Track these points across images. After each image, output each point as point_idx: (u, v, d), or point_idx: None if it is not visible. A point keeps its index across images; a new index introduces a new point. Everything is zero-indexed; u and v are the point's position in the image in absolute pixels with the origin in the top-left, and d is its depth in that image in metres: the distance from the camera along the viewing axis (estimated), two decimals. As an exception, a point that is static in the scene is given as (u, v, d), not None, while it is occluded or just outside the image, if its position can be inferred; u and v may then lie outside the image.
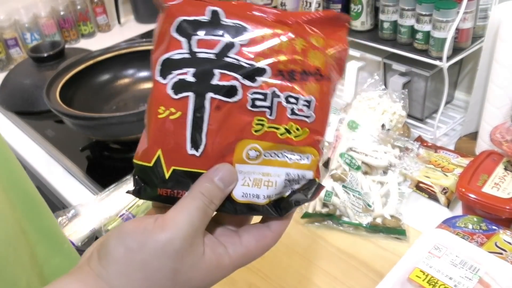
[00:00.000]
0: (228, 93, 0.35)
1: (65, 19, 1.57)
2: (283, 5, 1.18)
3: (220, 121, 0.35)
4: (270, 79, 0.35)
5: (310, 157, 0.38)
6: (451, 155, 0.88)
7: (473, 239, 0.66)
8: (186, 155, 0.36)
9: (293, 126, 0.36)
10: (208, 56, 0.35)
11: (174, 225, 0.34)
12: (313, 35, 0.37)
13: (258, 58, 0.35)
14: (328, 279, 0.71)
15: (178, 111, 0.35)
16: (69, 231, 0.80)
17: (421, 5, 0.85)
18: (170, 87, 0.35)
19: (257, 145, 0.36)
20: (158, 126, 0.36)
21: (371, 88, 0.95)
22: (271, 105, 0.35)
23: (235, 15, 0.36)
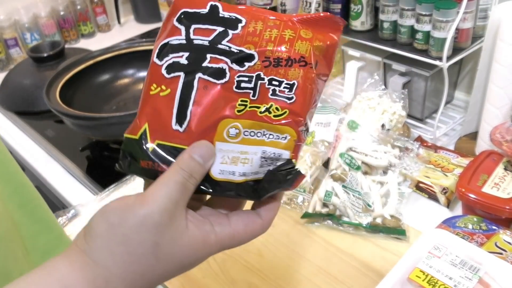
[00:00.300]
0: (216, 75, 0.37)
1: (65, 19, 1.57)
2: (283, 5, 1.18)
3: (206, 100, 0.37)
4: (257, 65, 0.38)
5: (288, 137, 0.38)
6: (451, 155, 0.88)
7: (473, 239, 0.66)
8: (171, 130, 0.37)
9: (273, 106, 0.38)
10: (202, 43, 0.38)
11: (153, 199, 0.35)
12: (303, 30, 0.39)
13: (248, 46, 0.38)
14: (328, 279, 0.71)
15: (168, 88, 0.38)
16: (69, 231, 0.80)
17: (421, 5, 0.85)
18: (164, 68, 0.38)
19: (237, 123, 0.37)
20: (148, 102, 0.38)
21: (371, 88, 0.95)
22: (255, 86, 0.37)
23: (232, 9, 0.39)
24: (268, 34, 0.38)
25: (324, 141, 0.93)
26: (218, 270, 0.74)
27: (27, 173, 1.14)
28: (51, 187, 1.02)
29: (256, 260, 0.75)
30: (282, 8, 1.19)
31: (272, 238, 0.78)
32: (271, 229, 0.84)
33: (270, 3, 1.23)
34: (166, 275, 0.37)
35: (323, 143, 0.92)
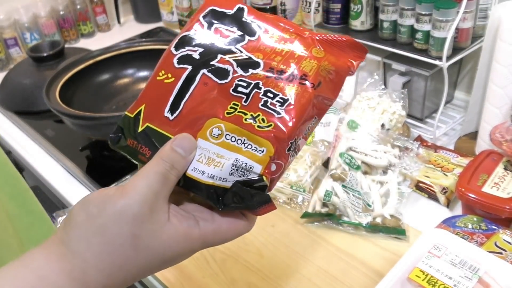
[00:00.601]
0: (219, 74, 0.38)
1: (65, 18, 1.57)
2: (283, 5, 1.18)
3: (202, 95, 0.38)
4: (260, 73, 0.38)
5: (265, 151, 0.37)
6: (451, 155, 0.88)
7: (473, 239, 0.66)
8: (161, 116, 0.39)
9: (260, 116, 0.37)
10: (218, 43, 0.40)
11: (132, 190, 0.34)
12: (317, 49, 0.39)
13: (258, 54, 0.39)
14: (328, 278, 0.71)
15: (173, 77, 0.39)
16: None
17: (420, 4, 0.85)
18: (177, 58, 0.40)
19: (222, 124, 0.37)
20: (152, 86, 0.40)
21: (371, 88, 0.95)
22: (249, 93, 0.38)
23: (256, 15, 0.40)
24: (281, 47, 0.39)
25: (324, 140, 0.93)
26: (218, 270, 0.74)
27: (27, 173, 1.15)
28: (51, 187, 1.02)
29: (256, 259, 0.75)
30: (282, 8, 1.19)
31: (272, 237, 0.78)
32: (271, 228, 0.85)
33: (270, 3, 1.23)
34: (146, 269, 0.36)
35: (323, 143, 0.92)
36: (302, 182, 0.84)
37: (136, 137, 0.39)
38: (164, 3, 1.59)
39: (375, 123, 0.87)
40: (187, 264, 0.75)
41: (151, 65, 1.21)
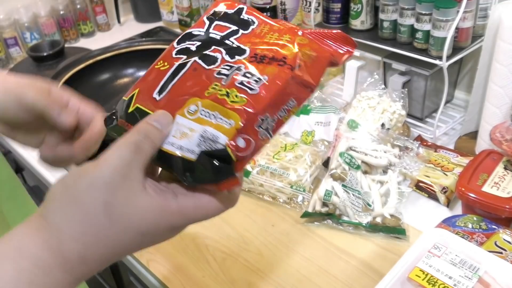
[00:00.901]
0: (208, 61, 0.41)
1: (65, 18, 1.57)
2: (283, 4, 1.18)
3: (189, 79, 0.41)
4: (245, 59, 0.41)
5: (232, 123, 0.37)
6: (451, 155, 0.88)
7: (473, 239, 0.66)
8: (150, 97, 0.41)
9: (234, 92, 0.38)
10: (215, 36, 0.43)
11: (104, 160, 0.35)
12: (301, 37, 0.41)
13: (247, 43, 0.42)
14: (328, 278, 0.71)
15: (168, 65, 0.42)
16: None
17: (421, 4, 0.85)
18: (176, 50, 0.43)
19: (199, 101, 0.39)
20: (149, 73, 0.43)
21: (371, 87, 0.95)
22: (229, 74, 0.40)
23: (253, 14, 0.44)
24: (269, 37, 0.42)
25: (324, 140, 0.93)
26: (218, 270, 0.74)
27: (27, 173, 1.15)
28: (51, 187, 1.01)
29: (256, 259, 0.75)
30: (282, 8, 1.19)
31: (272, 237, 0.78)
32: (271, 228, 0.85)
33: (270, 2, 1.23)
34: (124, 241, 0.36)
35: (323, 143, 0.92)
36: (302, 182, 0.84)
37: (126, 117, 0.41)
38: (164, 2, 1.59)
39: (375, 123, 0.87)
40: (187, 263, 0.75)
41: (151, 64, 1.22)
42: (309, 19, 1.09)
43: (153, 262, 0.76)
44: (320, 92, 1.06)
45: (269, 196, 0.85)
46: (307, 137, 0.95)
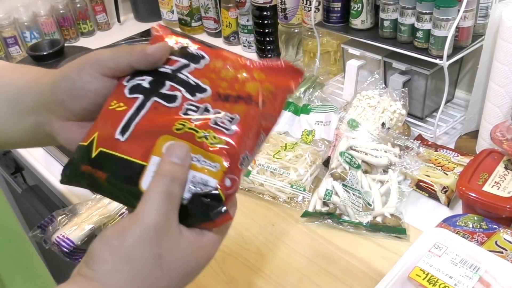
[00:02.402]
0: (168, 99, 0.41)
1: (65, 17, 1.56)
2: (283, 3, 1.18)
3: (152, 117, 0.40)
4: (208, 98, 0.41)
5: (218, 166, 0.38)
6: (451, 154, 0.88)
7: (473, 238, 0.66)
8: (113, 139, 0.40)
9: (211, 133, 0.39)
10: (166, 71, 0.42)
11: (144, 216, 0.36)
12: (258, 72, 0.43)
13: (204, 80, 0.42)
14: (328, 278, 0.71)
15: (125, 105, 0.41)
16: (69, 229, 0.80)
17: (421, 3, 0.85)
18: (128, 88, 0.42)
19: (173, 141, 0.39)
20: (104, 115, 0.41)
21: (371, 87, 0.95)
22: (199, 115, 0.40)
23: (203, 49, 0.44)
24: (225, 73, 0.42)
25: (324, 139, 0.93)
26: (218, 269, 0.74)
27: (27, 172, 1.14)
28: (51, 186, 1.02)
29: (256, 259, 0.75)
30: (282, 7, 1.19)
31: (272, 237, 0.78)
32: (271, 228, 0.85)
33: (270, 2, 1.23)
34: (174, 285, 0.38)
35: (323, 142, 0.92)
36: (302, 181, 0.84)
37: (89, 162, 0.40)
38: (164, 1, 1.58)
39: (376, 122, 0.87)
40: (187, 263, 0.75)
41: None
42: (309, 19, 1.09)
43: (153, 262, 0.76)
44: (321, 91, 1.06)
45: (269, 196, 0.85)
46: (308, 137, 0.95)
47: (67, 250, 0.79)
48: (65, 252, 0.79)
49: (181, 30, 1.59)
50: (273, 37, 1.29)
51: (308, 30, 1.16)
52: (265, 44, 1.31)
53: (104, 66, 0.41)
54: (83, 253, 0.82)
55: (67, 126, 0.44)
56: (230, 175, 0.39)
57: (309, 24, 1.10)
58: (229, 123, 0.40)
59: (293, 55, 1.27)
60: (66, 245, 0.79)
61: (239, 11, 1.34)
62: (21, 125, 0.47)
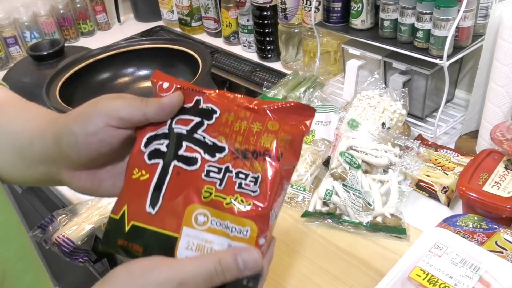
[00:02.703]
0: (189, 162, 0.41)
1: (65, 17, 1.57)
2: (283, 3, 1.18)
3: (177, 185, 0.40)
4: (227, 157, 0.41)
5: (249, 231, 0.39)
6: (452, 154, 0.88)
7: (474, 238, 0.66)
8: (145, 212, 0.40)
9: (238, 198, 0.39)
10: (181, 131, 0.42)
11: (179, 267, 0.36)
12: (271, 121, 0.42)
13: (220, 137, 0.42)
14: (329, 278, 0.71)
15: (147, 173, 0.41)
16: (69, 229, 0.80)
17: (421, 3, 0.85)
18: (147, 154, 0.42)
19: (206, 211, 0.39)
20: (129, 185, 0.42)
21: (371, 87, 0.95)
22: (223, 177, 0.40)
23: (211, 101, 0.43)
24: (238, 126, 0.42)
25: (324, 139, 0.93)
26: (218, 269, 0.73)
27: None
28: (51, 186, 1.01)
29: (256, 259, 0.75)
30: (282, 7, 1.19)
31: (272, 237, 0.78)
32: (271, 228, 0.84)
33: (270, 2, 1.23)
34: None
35: (323, 142, 0.92)
36: (302, 181, 0.84)
37: (125, 237, 0.41)
38: (164, 1, 1.58)
39: (376, 122, 0.87)
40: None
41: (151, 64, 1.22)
42: (309, 18, 1.09)
43: (153, 262, 0.76)
44: (321, 91, 1.06)
45: (269, 196, 0.85)
46: (308, 137, 0.95)
47: (67, 250, 0.79)
48: (65, 252, 0.80)
49: (181, 30, 1.59)
50: (273, 37, 1.29)
51: (308, 30, 1.16)
52: (265, 44, 1.31)
53: (114, 116, 0.40)
54: (83, 253, 0.83)
55: (77, 176, 0.44)
56: (262, 235, 0.39)
57: (309, 24, 1.10)
58: (253, 185, 0.40)
59: (293, 55, 1.27)
60: (66, 245, 0.79)
61: (239, 11, 1.34)
62: (31, 174, 0.47)
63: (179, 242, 0.39)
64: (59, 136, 0.42)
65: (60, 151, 0.42)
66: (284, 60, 1.29)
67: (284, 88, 1.07)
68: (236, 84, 1.29)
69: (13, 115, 0.49)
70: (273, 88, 1.08)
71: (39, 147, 0.44)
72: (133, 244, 0.40)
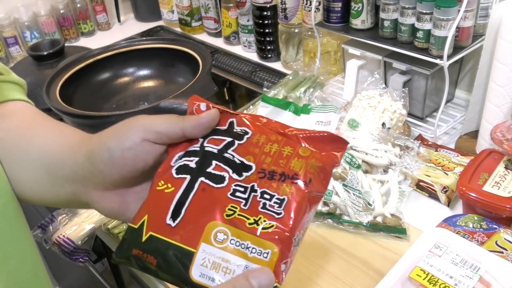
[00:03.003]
0: (216, 180, 0.41)
1: (65, 17, 1.57)
2: (284, 3, 1.18)
3: (201, 200, 0.40)
4: (253, 175, 0.41)
5: (270, 254, 0.38)
6: (452, 154, 0.88)
7: (474, 238, 0.66)
8: (164, 224, 0.40)
9: (261, 218, 0.39)
10: (212, 150, 0.42)
11: None
12: (302, 147, 0.42)
13: (249, 157, 0.41)
14: (329, 278, 0.71)
15: (173, 187, 0.41)
16: (69, 229, 0.80)
17: (421, 3, 0.85)
18: (175, 168, 0.42)
19: (226, 229, 0.39)
20: (153, 196, 0.41)
21: (372, 87, 0.95)
22: (248, 197, 0.40)
23: (244, 123, 0.43)
24: (269, 148, 0.42)
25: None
26: (218, 269, 0.73)
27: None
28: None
29: (257, 258, 0.75)
30: (282, 7, 1.19)
31: (272, 236, 0.78)
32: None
33: (270, 2, 1.23)
34: None
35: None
36: (302, 181, 0.84)
37: (141, 247, 0.40)
38: (164, 1, 1.58)
39: (376, 122, 0.87)
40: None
41: (151, 63, 1.22)
42: (309, 18, 1.09)
43: (154, 262, 0.76)
44: (321, 91, 1.06)
45: (269, 196, 0.85)
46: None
47: (67, 250, 0.79)
48: (65, 252, 0.80)
49: (182, 30, 1.59)
50: (273, 37, 1.30)
51: (308, 30, 1.16)
52: (265, 44, 1.31)
53: (151, 130, 0.40)
54: (84, 253, 0.83)
55: (105, 196, 0.43)
56: (283, 260, 0.38)
57: (310, 24, 1.10)
58: (278, 207, 0.39)
59: (294, 55, 1.27)
60: (67, 245, 0.79)
61: (240, 11, 1.34)
62: (57, 193, 0.46)
63: (195, 257, 0.38)
64: (93, 153, 0.42)
65: (93, 168, 0.42)
66: (284, 60, 1.29)
67: (284, 88, 1.07)
68: (236, 84, 1.30)
69: (43, 132, 0.49)
70: (273, 88, 1.08)
71: (70, 165, 0.44)
72: (147, 255, 0.39)
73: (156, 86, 1.19)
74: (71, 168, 0.44)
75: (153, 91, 1.18)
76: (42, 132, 0.49)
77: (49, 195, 0.48)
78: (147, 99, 1.16)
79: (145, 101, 1.16)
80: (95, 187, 0.43)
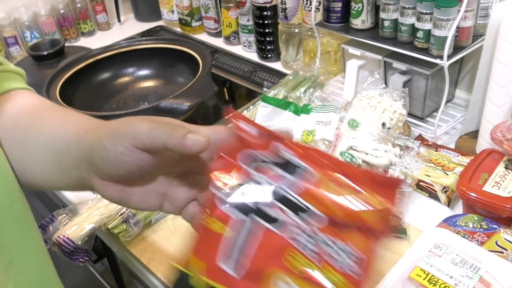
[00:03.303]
0: (279, 226, 0.37)
1: (65, 17, 1.57)
2: (284, 3, 1.18)
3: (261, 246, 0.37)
4: (323, 226, 0.37)
5: None
6: (452, 154, 0.88)
7: (474, 238, 0.66)
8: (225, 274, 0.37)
9: (341, 280, 0.35)
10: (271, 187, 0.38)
11: None
12: (376, 200, 0.38)
13: (319, 206, 0.37)
14: (329, 278, 0.71)
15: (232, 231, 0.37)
16: (69, 229, 0.80)
17: (421, 3, 0.85)
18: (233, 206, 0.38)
19: (289, 278, 0.36)
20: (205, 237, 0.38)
21: (372, 87, 0.95)
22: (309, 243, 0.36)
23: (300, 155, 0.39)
24: (339, 200, 0.38)
25: (325, 139, 0.92)
26: (218, 269, 0.73)
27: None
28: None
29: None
30: (282, 7, 1.19)
31: (272, 236, 0.78)
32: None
33: (270, 2, 1.23)
34: None
35: (324, 142, 0.91)
36: (302, 181, 0.84)
37: None
38: (165, 1, 1.58)
39: (376, 122, 0.87)
40: (187, 263, 0.75)
41: (151, 63, 1.22)
42: (309, 18, 1.09)
43: (154, 261, 0.76)
44: (321, 91, 1.06)
45: (269, 196, 0.85)
46: (308, 137, 0.95)
47: (67, 250, 0.79)
48: (65, 252, 0.80)
49: (182, 30, 1.59)
50: (273, 37, 1.29)
51: (308, 30, 1.16)
52: (266, 44, 1.31)
53: (138, 140, 0.39)
54: (84, 253, 0.83)
55: (106, 185, 0.43)
56: None
57: (310, 24, 1.10)
58: (355, 265, 0.36)
59: (294, 55, 1.27)
60: (67, 245, 0.79)
61: (240, 11, 1.34)
62: (64, 179, 0.47)
63: None
64: (93, 146, 0.42)
65: (92, 160, 0.42)
66: (284, 60, 1.29)
67: (284, 88, 1.07)
68: (236, 84, 1.30)
69: (50, 120, 0.49)
70: (273, 88, 1.08)
71: (75, 152, 0.44)
72: None
73: (156, 86, 1.19)
74: (77, 155, 0.44)
75: (153, 91, 1.18)
76: (50, 120, 0.49)
77: (56, 180, 0.48)
78: (147, 99, 1.16)
79: (145, 101, 1.16)
80: (97, 176, 0.43)
